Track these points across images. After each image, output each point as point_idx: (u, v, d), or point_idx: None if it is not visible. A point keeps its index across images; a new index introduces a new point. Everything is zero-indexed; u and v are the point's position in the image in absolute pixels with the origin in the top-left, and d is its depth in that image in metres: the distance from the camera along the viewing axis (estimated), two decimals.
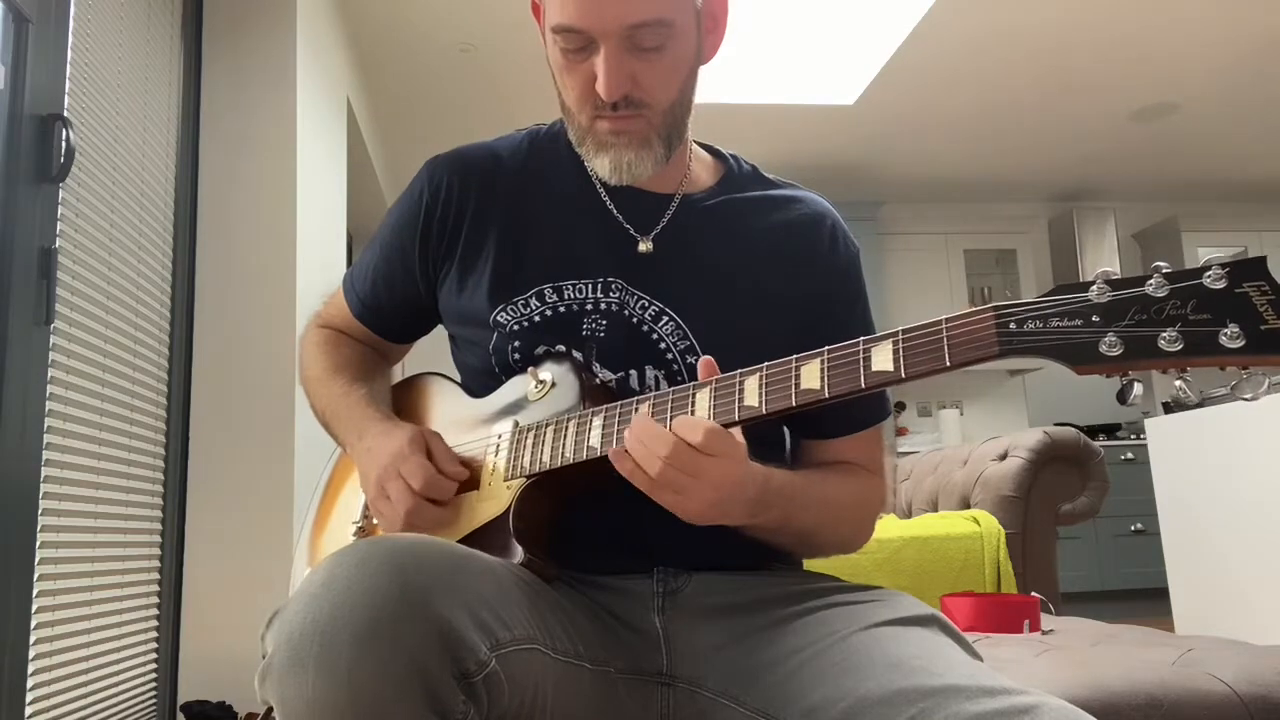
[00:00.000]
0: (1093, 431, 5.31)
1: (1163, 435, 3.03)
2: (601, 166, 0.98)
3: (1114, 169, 5.53)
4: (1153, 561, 3.39)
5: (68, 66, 1.81)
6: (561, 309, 0.98)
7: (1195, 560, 2.87)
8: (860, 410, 1.01)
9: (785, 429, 1.07)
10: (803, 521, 0.93)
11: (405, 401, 1.12)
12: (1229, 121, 4.88)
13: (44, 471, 1.67)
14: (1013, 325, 0.69)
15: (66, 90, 1.80)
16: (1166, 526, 2.99)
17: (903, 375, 0.74)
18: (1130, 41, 3.99)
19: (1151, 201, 5.98)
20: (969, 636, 1.59)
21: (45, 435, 1.68)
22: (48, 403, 1.69)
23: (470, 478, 0.97)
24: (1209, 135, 5.06)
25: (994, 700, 0.70)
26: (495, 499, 0.94)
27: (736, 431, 0.83)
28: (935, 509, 2.54)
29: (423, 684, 0.65)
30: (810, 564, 1.06)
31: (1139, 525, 4.98)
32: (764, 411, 0.80)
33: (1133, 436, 5.35)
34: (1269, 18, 3.83)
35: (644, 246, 1.01)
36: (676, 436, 0.79)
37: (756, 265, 1.02)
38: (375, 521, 1.04)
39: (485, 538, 0.91)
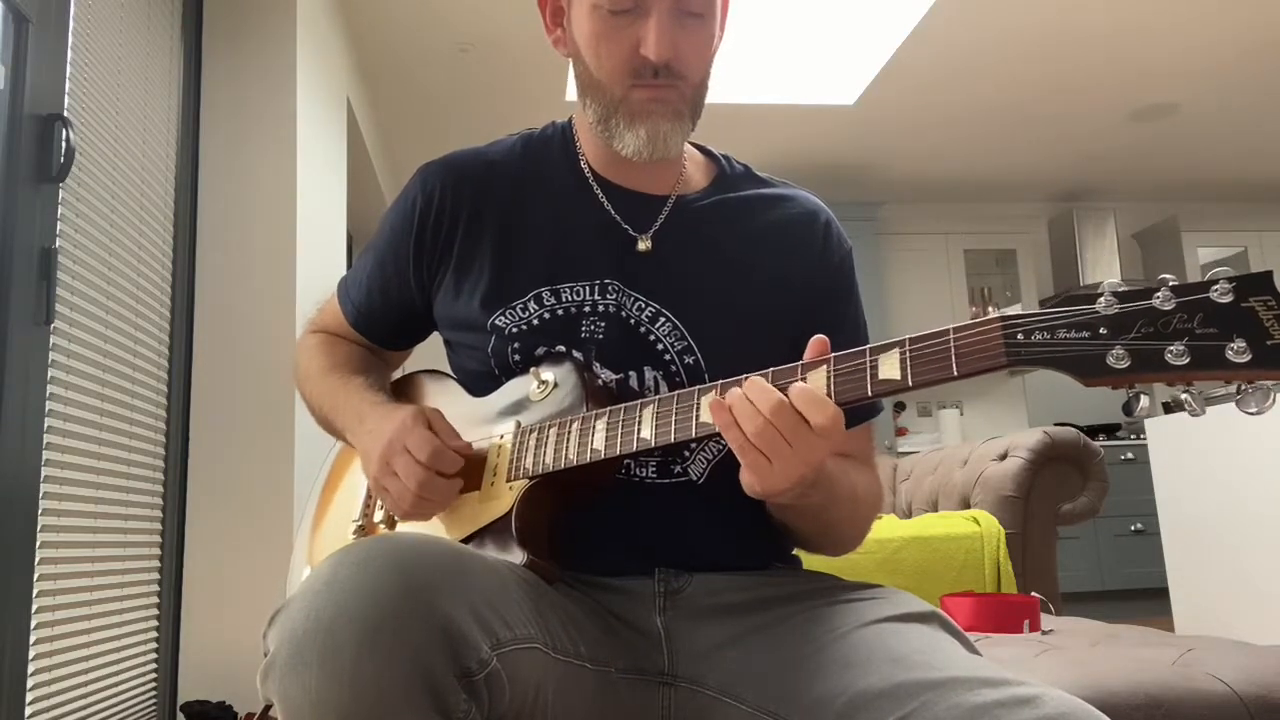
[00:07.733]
0: (1093, 431, 5.31)
1: (1163, 435, 3.03)
2: (634, 139, 0.97)
3: (1114, 169, 5.53)
4: (1153, 561, 3.39)
5: (68, 66, 1.81)
6: (560, 311, 0.98)
7: (1195, 560, 2.87)
8: (859, 407, 1.02)
9: None
10: (833, 512, 0.92)
11: (404, 398, 1.11)
12: (1229, 121, 4.88)
13: (44, 471, 1.67)
14: (1020, 336, 0.70)
15: (66, 90, 1.80)
16: (1166, 526, 2.99)
17: (910, 384, 0.74)
18: (1130, 41, 3.99)
19: (1151, 201, 5.98)
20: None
21: (45, 435, 1.68)
22: (48, 403, 1.69)
23: (472, 478, 0.96)
24: (1209, 135, 5.05)
25: (995, 691, 0.70)
26: (497, 500, 0.93)
27: None
28: (935, 509, 2.53)
29: (425, 683, 0.65)
30: (810, 563, 1.06)
31: (1139, 525, 4.98)
32: None
33: (1133, 436, 5.35)
34: (1269, 18, 3.83)
35: (643, 245, 1.00)
36: (790, 405, 0.76)
37: (752, 265, 1.02)
38: (379, 505, 1.04)
39: (487, 539, 0.91)
